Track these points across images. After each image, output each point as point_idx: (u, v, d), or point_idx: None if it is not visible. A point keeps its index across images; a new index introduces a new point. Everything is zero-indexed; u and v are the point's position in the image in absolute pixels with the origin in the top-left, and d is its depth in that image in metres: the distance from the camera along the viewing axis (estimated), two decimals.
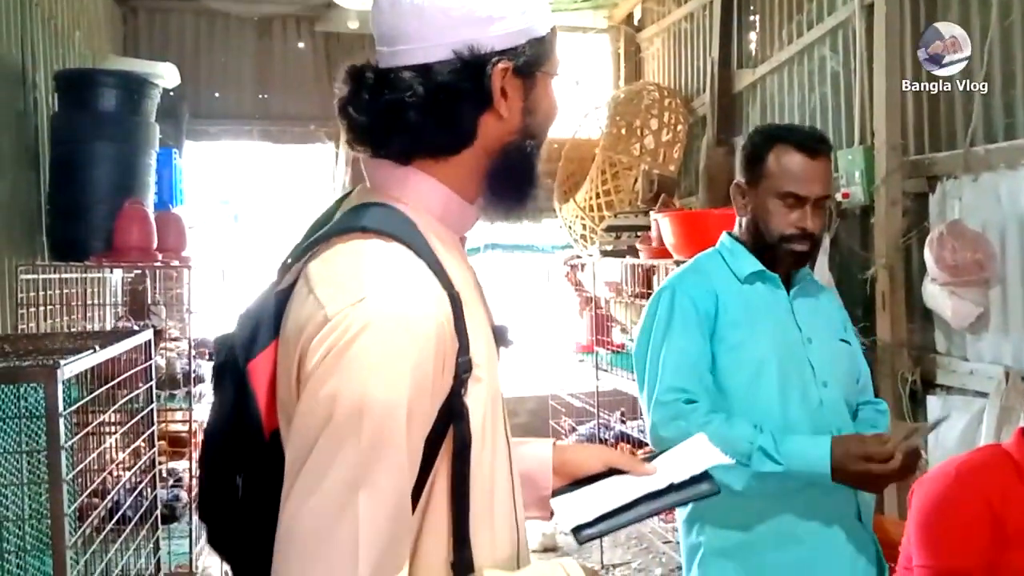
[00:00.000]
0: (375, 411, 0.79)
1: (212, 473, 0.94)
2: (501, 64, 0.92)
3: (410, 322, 0.82)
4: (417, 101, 0.90)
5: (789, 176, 1.73)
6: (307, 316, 0.84)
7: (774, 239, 1.75)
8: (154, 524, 2.89)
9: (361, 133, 0.95)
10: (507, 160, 0.96)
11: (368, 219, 0.90)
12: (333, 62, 5.65)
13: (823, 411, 1.74)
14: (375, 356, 0.80)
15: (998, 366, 2.64)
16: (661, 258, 3.66)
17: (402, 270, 0.86)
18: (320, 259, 0.88)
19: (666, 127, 4.92)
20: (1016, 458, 1.82)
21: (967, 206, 2.76)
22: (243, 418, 0.89)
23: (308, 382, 0.81)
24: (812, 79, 3.76)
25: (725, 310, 1.76)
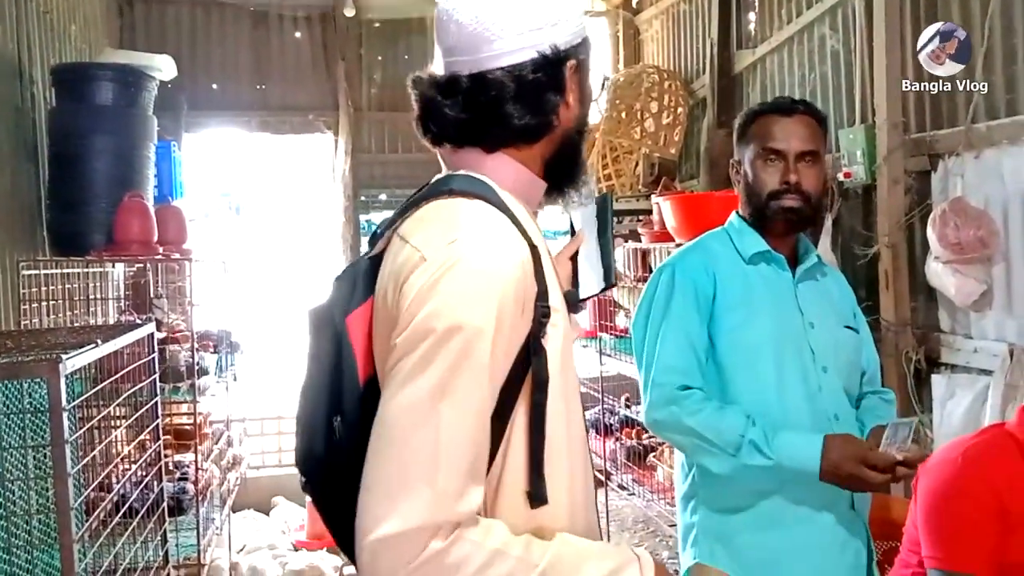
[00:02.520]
0: (464, 333, 0.90)
1: (311, 418, 1.03)
2: (571, 60, 1.08)
3: (496, 260, 0.94)
4: (511, 96, 1.04)
5: (766, 135, 1.77)
6: (403, 261, 0.97)
7: (763, 200, 1.77)
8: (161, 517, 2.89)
9: (456, 130, 1.08)
10: (566, 146, 1.12)
11: (454, 184, 1.04)
12: (330, 52, 5.64)
13: (821, 396, 1.73)
14: (466, 286, 0.92)
15: (1002, 343, 2.63)
16: (663, 241, 3.65)
17: (487, 220, 0.99)
18: (412, 218, 1.03)
19: (666, 110, 4.90)
20: (1020, 439, 1.81)
21: (969, 183, 2.75)
22: (341, 366, 1.00)
23: (406, 310, 0.93)
24: (812, 58, 3.74)
25: (724, 292, 1.75)
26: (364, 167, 5.74)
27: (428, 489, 0.87)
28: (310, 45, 5.67)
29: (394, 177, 5.79)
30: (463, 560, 0.87)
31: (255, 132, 5.66)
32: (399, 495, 0.87)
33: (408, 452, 0.88)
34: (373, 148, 5.81)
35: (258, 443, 5.56)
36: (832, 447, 1.59)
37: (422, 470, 0.88)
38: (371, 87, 5.79)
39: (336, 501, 1.02)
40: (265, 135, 5.69)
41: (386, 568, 0.87)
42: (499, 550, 0.90)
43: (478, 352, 0.91)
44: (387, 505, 0.87)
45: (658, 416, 1.71)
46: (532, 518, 0.97)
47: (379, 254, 1.04)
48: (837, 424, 1.72)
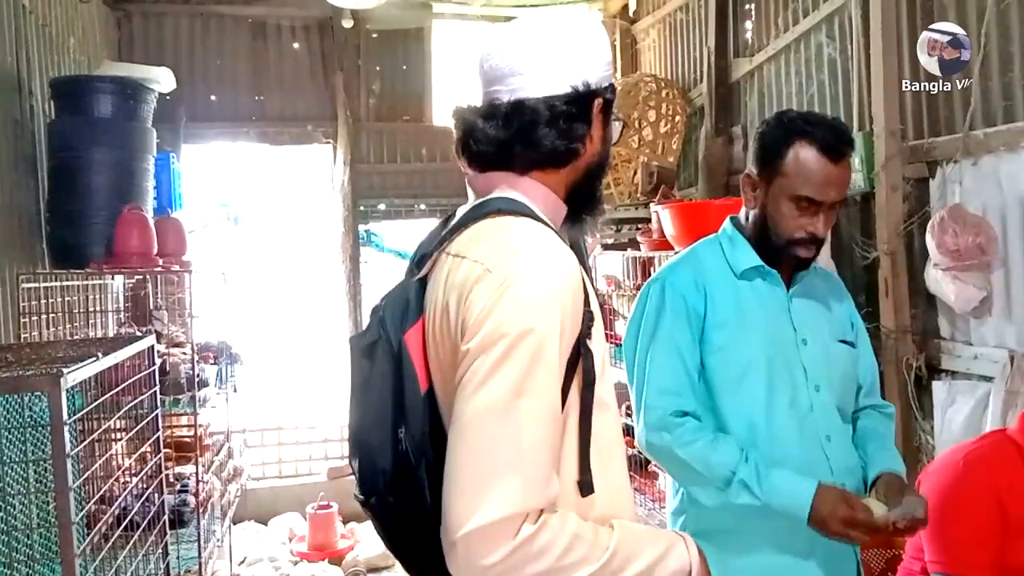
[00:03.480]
0: (535, 335, 0.98)
1: (371, 437, 1.09)
2: (599, 99, 1.17)
3: (556, 270, 1.03)
4: (544, 121, 1.14)
5: (806, 180, 1.62)
6: (465, 276, 1.04)
7: (782, 241, 1.67)
8: (162, 529, 2.89)
9: (494, 148, 1.16)
10: (588, 176, 1.20)
11: (498, 204, 1.13)
12: (329, 62, 5.65)
13: (813, 416, 1.67)
14: (533, 294, 1.00)
15: (1002, 350, 2.63)
16: (662, 250, 3.65)
17: (540, 234, 1.07)
18: (464, 237, 1.10)
19: (664, 118, 4.91)
20: (1021, 444, 1.82)
21: (967, 190, 2.75)
22: (402, 381, 1.07)
23: (476, 319, 1.00)
24: (809, 66, 3.75)
25: (714, 309, 1.69)
26: (363, 177, 5.74)
27: (517, 478, 0.94)
28: (308, 56, 5.68)
29: (393, 187, 5.80)
30: (549, 544, 0.95)
31: (253, 143, 5.67)
32: (489, 487, 0.94)
33: (494, 446, 0.95)
34: (372, 158, 5.82)
35: (259, 454, 5.55)
36: (823, 501, 1.52)
37: (509, 461, 0.95)
38: (369, 97, 5.80)
39: (402, 513, 1.08)
40: (264, 146, 5.69)
41: (483, 556, 0.93)
42: (577, 534, 0.99)
43: (548, 353, 0.99)
44: (478, 498, 0.94)
45: (653, 440, 1.67)
46: (580, 506, 1.05)
47: (425, 276, 1.12)
48: (829, 445, 1.66)
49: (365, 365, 1.12)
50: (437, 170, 5.65)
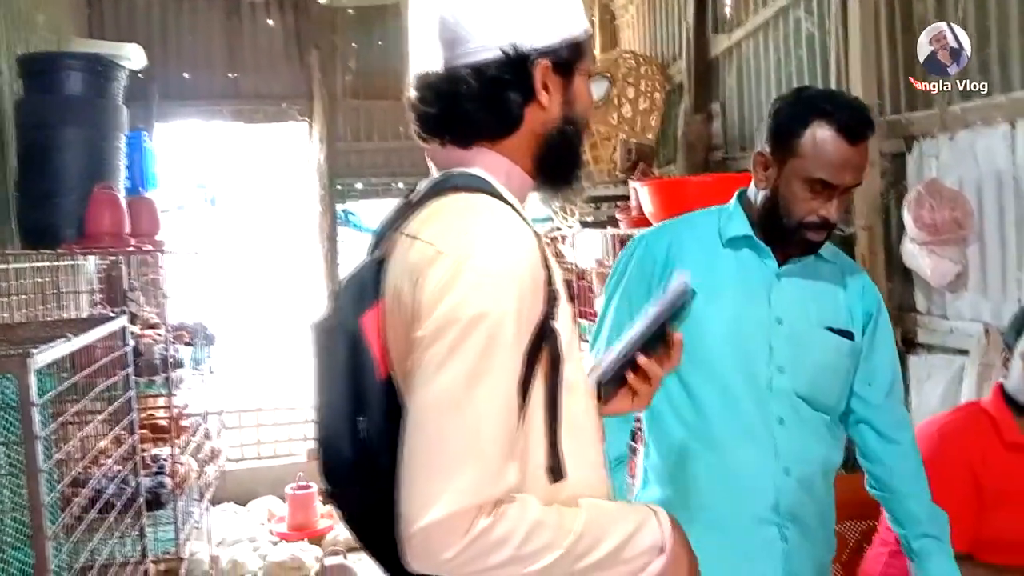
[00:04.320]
0: (490, 319, 0.95)
1: (334, 425, 1.06)
2: (542, 61, 1.11)
3: (510, 248, 0.99)
4: (471, 92, 1.10)
5: (823, 161, 1.55)
6: (418, 258, 1.00)
7: (792, 224, 1.60)
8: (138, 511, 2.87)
9: (429, 124, 1.14)
10: (552, 142, 1.15)
11: (455, 180, 1.09)
12: (304, 39, 5.58)
13: (770, 395, 1.63)
14: (485, 275, 0.96)
15: (978, 323, 2.65)
16: (640, 227, 3.64)
17: (495, 211, 1.04)
18: (418, 217, 1.06)
19: (643, 95, 4.88)
20: (994, 415, 1.84)
21: (944, 165, 2.76)
22: (360, 367, 1.04)
23: (428, 304, 0.96)
24: (788, 42, 3.73)
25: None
26: (340, 156, 5.69)
27: (472, 470, 0.92)
28: (283, 33, 5.61)
29: (370, 165, 5.75)
30: (508, 534, 0.93)
31: (228, 121, 5.60)
32: (444, 479, 0.92)
33: (448, 437, 0.93)
34: (348, 136, 5.76)
35: (237, 436, 5.52)
36: None
37: (463, 453, 0.92)
38: (345, 75, 5.73)
39: (366, 504, 1.05)
40: (238, 124, 5.62)
41: (438, 550, 0.91)
42: (538, 521, 0.96)
43: (505, 336, 0.96)
44: (432, 490, 0.92)
45: None
46: (551, 492, 1.02)
47: (383, 257, 1.08)
48: (779, 427, 1.62)
49: (324, 351, 1.09)
50: (415, 148, 5.46)
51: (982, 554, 1.82)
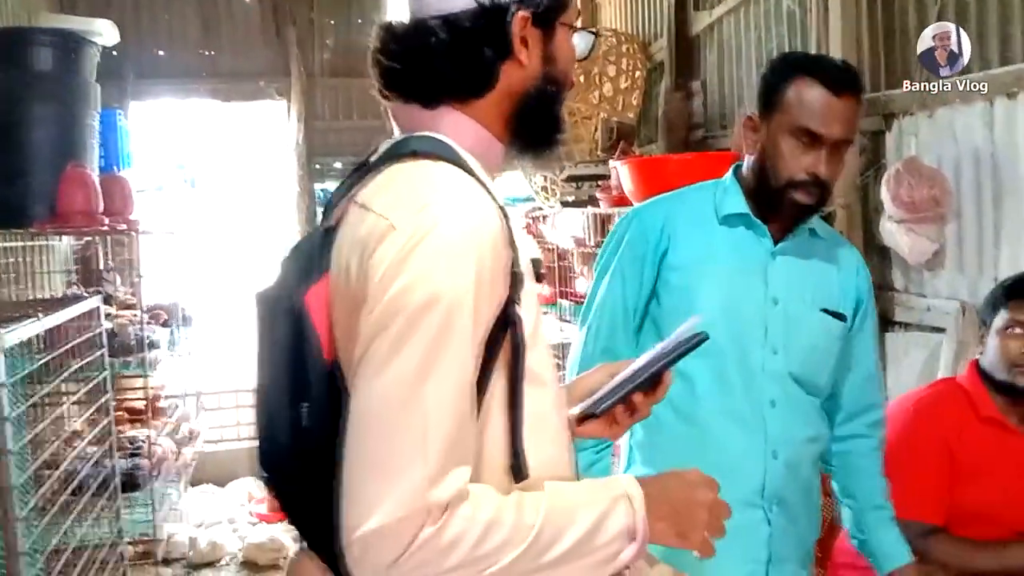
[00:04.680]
0: (443, 303, 0.86)
1: (272, 409, 0.97)
2: (521, 13, 1.00)
3: (473, 226, 0.90)
4: (441, 46, 0.99)
5: (807, 110, 1.53)
6: (367, 233, 0.91)
7: (780, 183, 1.56)
8: (114, 493, 2.84)
9: (392, 80, 1.04)
10: (529, 103, 1.04)
11: (415, 145, 0.98)
12: (281, 16, 5.50)
13: (762, 377, 1.60)
14: (443, 254, 0.87)
15: (954, 301, 2.66)
16: (621, 206, 3.63)
17: (457, 183, 0.94)
18: (372, 184, 0.96)
19: (624, 74, 4.85)
20: (969, 391, 1.86)
21: (923, 143, 2.76)
22: (303, 348, 0.94)
23: (378, 284, 0.87)
24: (768, 20, 3.72)
25: (676, 250, 1.63)
26: (318, 134, 5.63)
27: (418, 472, 0.84)
28: (259, 9, 5.52)
29: (349, 144, 5.69)
30: (457, 538, 0.85)
31: (205, 99, 5.52)
32: (387, 483, 0.84)
33: (392, 437, 0.84)
34: (327, 115, 5.70)
35: (216, 417, 5.49)
36: None
37: (409, 454, 0.84)
38: (324, 52, 5.66)
39: (305, 496, 0.96)
40: (215, 103, 5.55)
41: (380, 560, 0.84)
42: (493, 520, 0.87)
43: (460, 324, 0.87)
44: (375, 496, 0.84)
45: (573, 361, 1.71)
46: (512, 491, 0.94)
47: (334, 225, 0.97)
48: (771, 410, 1.60)
49: (265, 326, 0.98)
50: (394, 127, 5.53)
51: (956, 527, 1.83)
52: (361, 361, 0.87)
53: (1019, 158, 2.45)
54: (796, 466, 1.62)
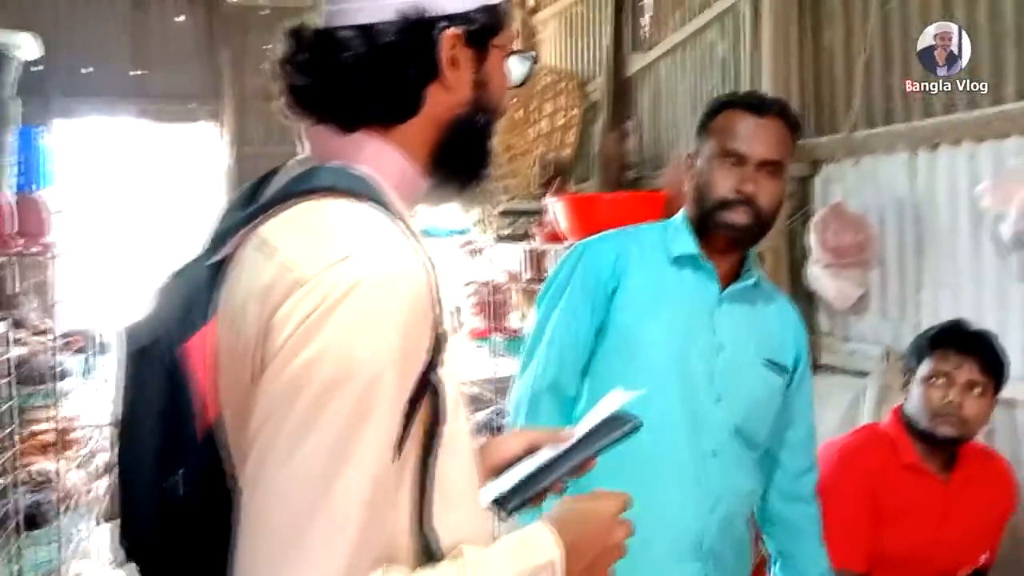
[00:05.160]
0: (361, 379, 0.73)
1: (137, 473, 0.82)
2: (451, 30, 0.87)
3: (399, 283, 0.76)
4: (357, 62, 0.86)
5: (731, 132, 1.56)
6: (270, 282, 0.76)
7: (711, 204, 1.56)
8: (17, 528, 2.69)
9: (300, 97, 0.90)
10: (457, 132, 0.91)
11: (331, 179, 0.83)
12: (216, 36, 5.40)
13: (704, 427, 1.55)
14: (362, 319, 0.74)
15: (878, 346, 2.72)
16: (556, 242, 3.63)
17: (381, 230, 0.79)
18: (276, 221, 0.80)
19: (561, 111, 4.90)
20: (892, 437, 1.89)
21: (849, 189, 2.83)
22: (178, 408, 0.79)
23: (281, 352, 0.73)
24: (702, 64, 3.79)
25: (627, 288, 1.59)
26: (250, 160, 5.52)
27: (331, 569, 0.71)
28: (193, 30, 5.42)
29: None
30: None
31: (134, 120, 5.37)
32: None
33: (299, 539, 0.71)
34: (260, 140, 5.60)
35: None
36: None
37: (321, 553, 0.71)
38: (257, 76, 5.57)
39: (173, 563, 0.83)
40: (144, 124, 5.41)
41: None
42: None
43: (378, 403, 0.74)
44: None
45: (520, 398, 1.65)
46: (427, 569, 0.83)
47: (224, 260, 0.81)
48: (711, 460, 1.55)
49: (133, 376, 0.82)
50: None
51: (878, 572, 1.85)
52: (260, 441, 0.73)
53: (940, 208, 2.53)
54: (732, 520, 1.59)
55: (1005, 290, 2.31)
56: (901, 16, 2.66)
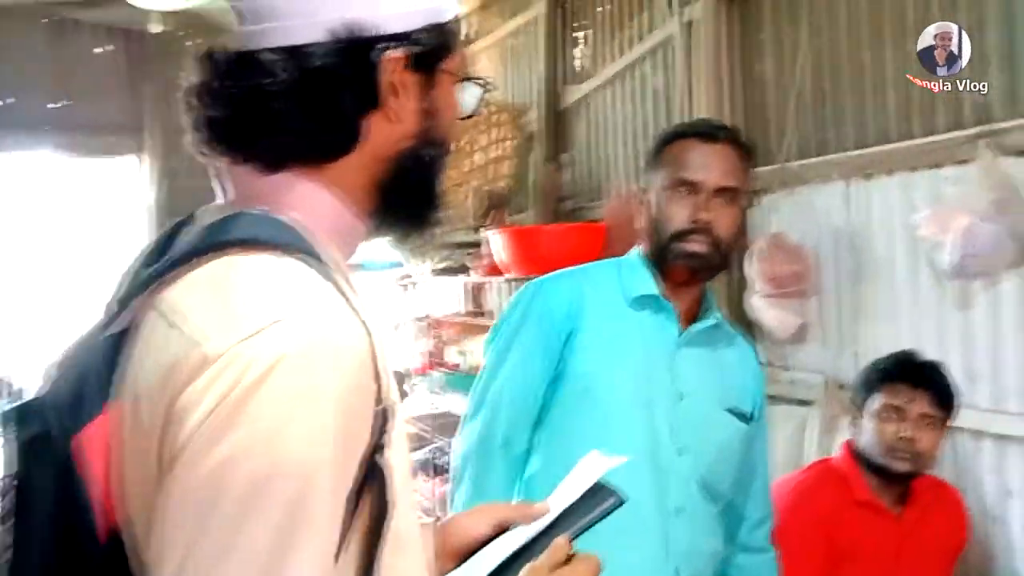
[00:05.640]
0: (292, 476, 0.59)
1: None
2: (393, 53, 0.76)
3: (333, 354, 0.63)
4: (281, 90, 0.73)
5: (683, 162, 1.50)
6: (173, 360, 0.63)
7: (667, 236, 1.50)
8: None
9: (216, 131, 0.77)
10: (401, 170, 0.80)
11: (248, 230, 0.70)
12: (139, 67, 5.22)
13: (666, 482, 1.47)
14: (288, 401, 0.61)
15: (819, 375, 2.72)
16: (494, 275, 3.58)
17: (310, 290, 0.66)
18: (183, 284, 0.67)
19: (496, 143, 4.87)
20: (845, 473, 1.87)
21: (785, 219, 2.84)
22: (71, 513, 0.65)
23: (189, 448, 0.60)
24: (636, 96, 3.81)
25: (584, 331, 1.50)
26: (177, 194, 5.34)
27: None
28: (115, 61, 5.23)
29: None
30: None
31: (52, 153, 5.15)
32: None
33: None
34: (187, 174, 5.42)
35: None
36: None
37: None
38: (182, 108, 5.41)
39: None
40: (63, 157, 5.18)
41: None
42: None
43: (318, 504, 0.61)
44: None
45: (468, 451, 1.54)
46: None
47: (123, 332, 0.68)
48: (675, 520, 1.47)
49: (22, 471, 0.67)
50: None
51: None
52: (169, 561, 0.59)
53: (876, 237, 2.55)
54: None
55: (943, 318, 2.33)
56: (830, 48, 2.69)
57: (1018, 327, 2.12)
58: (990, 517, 2.16)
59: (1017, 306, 2.13)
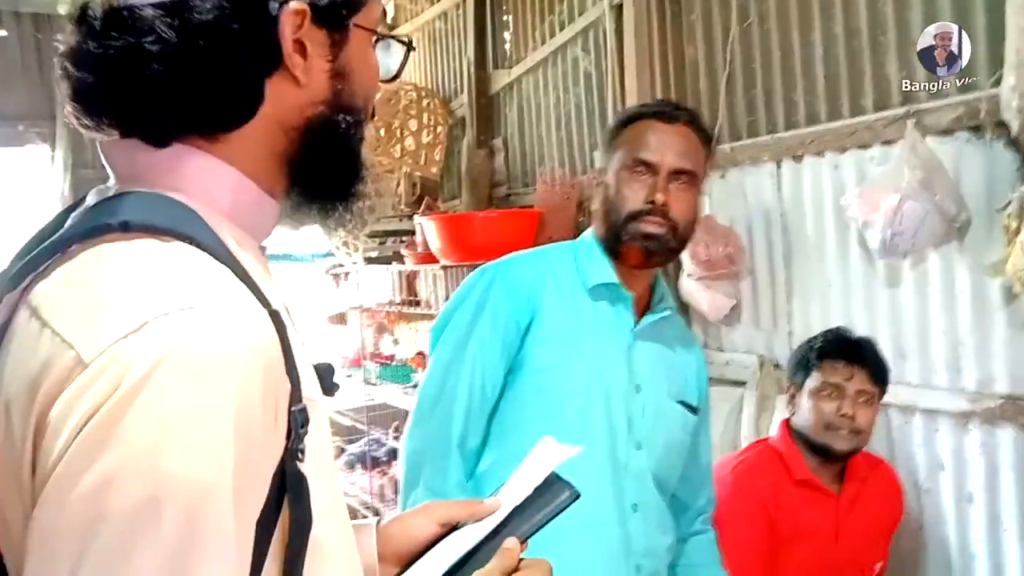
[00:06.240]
0: (178, 497, 0.51)
1: None
2: (294, 4, 0.66)
3: (226, 355, 0.54)
4: (164, 49, 0.63)
5: (640, 142, 1.47)
6: (42, 364, 0.55)
7: (620, 219, 1.46)
8: None
9: (88, 100, 0.66)
10: (313, 140, 0.70)
11: (129, 212, 0.61)
12: (45, 53, 4.97)
13: (626, 477, 1.44)
14: (173, 412, 0.52)
15: (752, 355, 2.74)
16: (427, 263, 3.52)
17: (200, 280, 0.58)
18: (55, 278, 0.59)
19: (426, 128, 4.79)
20: (783, 453, 1.87)
21: (717, 202, 2.85)
22: None
23: (61, 467, 0.52)
24: (567, 80, 3.78)
25: (541, 323, 1.45)
26: (87, 184, 5.02)
27: None
28: (20, 45, 4.97)
29: None
30: None
31: None
32: None
33: None
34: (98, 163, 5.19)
35: None
36: None
37: None
38: None
39: None
40: None
41: None
42: None
43: (215, 527, 0.53)
44: None
45: (422, 451, 1.46)
46: None
47: None
48: (632, 516, 1.45)
49: None
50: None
51: None
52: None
53: (807, 217, 2.57)
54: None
55: (873, 296, 2.36)
56: (760, 31, 2.70)
57: (945, 304, 2.17)
58: (922, 489, 2.21)
59: (943, 283, 2.17)
